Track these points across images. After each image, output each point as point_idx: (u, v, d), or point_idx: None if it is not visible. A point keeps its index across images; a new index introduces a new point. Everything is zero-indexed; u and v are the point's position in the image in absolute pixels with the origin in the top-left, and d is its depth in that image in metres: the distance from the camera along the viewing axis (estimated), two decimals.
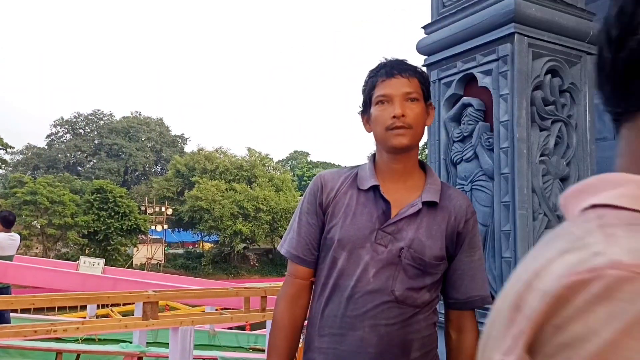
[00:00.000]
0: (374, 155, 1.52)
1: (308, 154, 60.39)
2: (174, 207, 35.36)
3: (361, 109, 1.51)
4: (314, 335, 1.45)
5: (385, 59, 1.48)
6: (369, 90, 1.46)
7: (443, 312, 1.53)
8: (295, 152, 60.35)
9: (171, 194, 36.69)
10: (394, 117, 1.37)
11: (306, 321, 1.54)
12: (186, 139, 52.57)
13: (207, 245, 38.20)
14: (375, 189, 1.42)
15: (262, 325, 8.52)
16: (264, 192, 34.75)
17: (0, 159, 32.73)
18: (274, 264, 36.60)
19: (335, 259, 1.42)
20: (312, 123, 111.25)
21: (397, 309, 1.36)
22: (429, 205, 1.41)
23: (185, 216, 34.22)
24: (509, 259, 1.83)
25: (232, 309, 6.45)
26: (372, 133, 1.47)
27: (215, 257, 35.41)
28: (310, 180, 1.60)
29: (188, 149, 49.12)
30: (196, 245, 40.77)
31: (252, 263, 36.96)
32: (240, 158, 39.15)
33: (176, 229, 38.33)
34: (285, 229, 1.58)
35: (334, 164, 63.87)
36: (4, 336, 3.37)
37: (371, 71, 1.48)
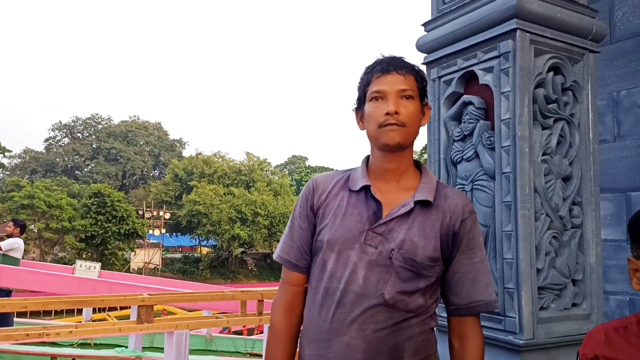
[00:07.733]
0: (367, 157, 1.47)
1: (306, 158, 60.30)
2: (172, 212, 35.26)
3: (355, 106, 1.46)
4: (304, 342, 1.41)
5: (383, 55, 1.43)
6: (363, 86, 1.41)
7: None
8: (293, 156, 60.27)
9: (169, 198, 36.59)
10: (387, 114, 1.33)
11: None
12: (184, 143, 52.60)
13: (205, 250, 38.05)
14: (366, 189, 1.37)
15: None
16: (262, 197, 34.64)
17: None
18: (272, 268, 36.41)
19: (325, 261, 1.36)
20: (310, 128, 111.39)
21: (386, 313, 1.29)
22: (423, 204, 1.35)
23: (183, 220, 34.11)
24: (511, 260, 1.78)
25: (228, 313, 6.40)
26: (365, 131, 1.42)
27: (213, 261, 35.26)
28: None
29: (186, 153, 49.17)
30: (194, 250, 40.62)
31: (250, 268, 36.80)
32: (238, 162, 39.09)
33: (174, 234, 38.19)
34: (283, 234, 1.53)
35: (333, 169, 63.81)
36: None
37: (367, 67, 1.43)
